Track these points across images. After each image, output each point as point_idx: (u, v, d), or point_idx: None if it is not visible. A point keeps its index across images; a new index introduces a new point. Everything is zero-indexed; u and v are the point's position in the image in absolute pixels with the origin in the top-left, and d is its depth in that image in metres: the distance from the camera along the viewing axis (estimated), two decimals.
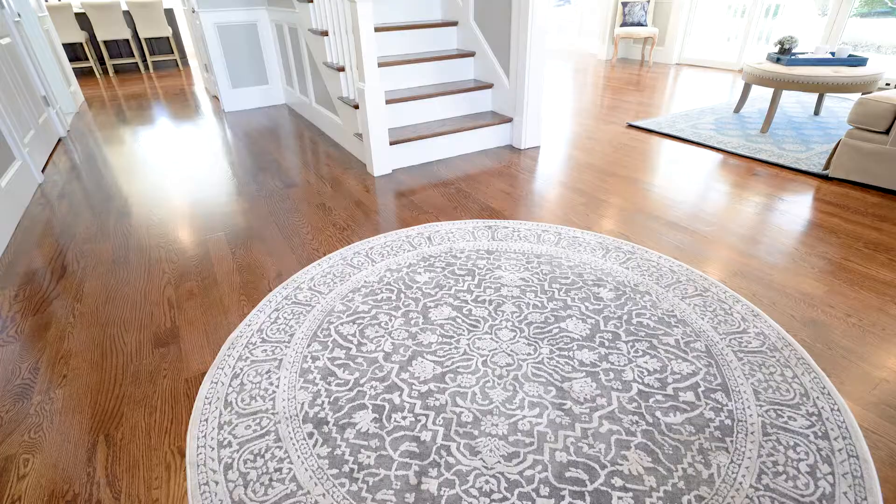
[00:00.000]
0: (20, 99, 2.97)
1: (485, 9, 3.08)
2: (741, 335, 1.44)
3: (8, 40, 3.09)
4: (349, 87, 2.95)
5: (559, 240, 2.01)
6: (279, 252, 2.01)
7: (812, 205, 2.28)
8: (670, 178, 2.64)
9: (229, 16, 4.06)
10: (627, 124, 3.60)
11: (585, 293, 1.66)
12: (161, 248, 2.08)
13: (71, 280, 1.86)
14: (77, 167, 3.08)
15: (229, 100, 4.35)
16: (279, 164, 3.02)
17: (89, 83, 5.97)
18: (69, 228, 2.28)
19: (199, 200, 2.54)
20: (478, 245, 2.00)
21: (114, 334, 1.56)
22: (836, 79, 2.92)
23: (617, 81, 5.12)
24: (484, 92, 3.23)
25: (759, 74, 3.21)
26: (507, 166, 2.87)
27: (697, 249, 1.94)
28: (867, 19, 7.03)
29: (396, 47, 3.26)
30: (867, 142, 2.35)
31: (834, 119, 3.53)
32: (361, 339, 1.48)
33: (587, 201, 2.39)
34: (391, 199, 2.49)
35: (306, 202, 2.48)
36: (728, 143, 3.09)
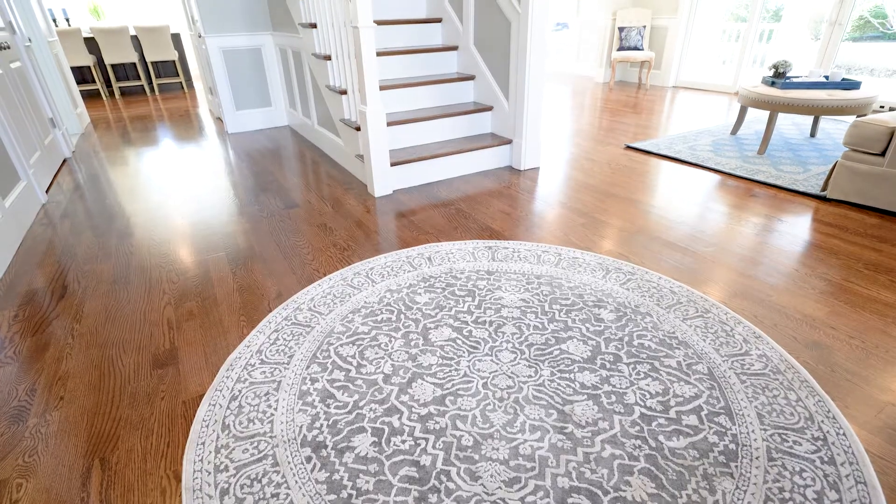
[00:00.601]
0: (27, 121, 3.02)
1: (484, 34, 3.15)
2: (743, 357, 1.43)
3: (18, 64, 3.16)
4: (351, 110, 3.00)
5: (559, 260, 2.02)
6: (279, 272, 2.02)
7: (811, 226, 2.29)
8: (669, 199, 2.65)
9: (235, 41, 4.15)
10: (626, 146, 3.64)
11: (586, 314, 1.66)
12: (162, 268, 2.09)
13: (71, 300, 1.86)
14: (81, 187, 3.10)
15: (233, 121, 4.41)
16: (281, 185, 3.05)
17: (95, 105, 6.06)
18: (71, 248, 2.29)
19: (201, 220, 2.56)
20: (478, 265, 2.00)
21: (112, 355, 1.55)
22: (830, 102, 2.97)
23: (615, 104, 5.20)
24: (484, 114, 3.28)
25: (754, 97, 3.26)
26: (507, 187, 2.89)
27: (698, 270, 1.94)
28: (859, 43, 7.18)
29: (398, 71, 3.33)
30: (863, 163, 2.38)
31: (830, 141, 3.57)
32: (361, 361, 1.47)
33: (587, 222, 2.40)
34: (392, 219, 2.50)
35: (307, 222, 2.49)
36: (726, 164, 3.12)
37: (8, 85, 2.83)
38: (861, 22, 7.11)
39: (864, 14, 7.07)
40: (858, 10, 6.94)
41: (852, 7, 4.52)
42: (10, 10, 3.25)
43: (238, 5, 4.07)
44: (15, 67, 3.07)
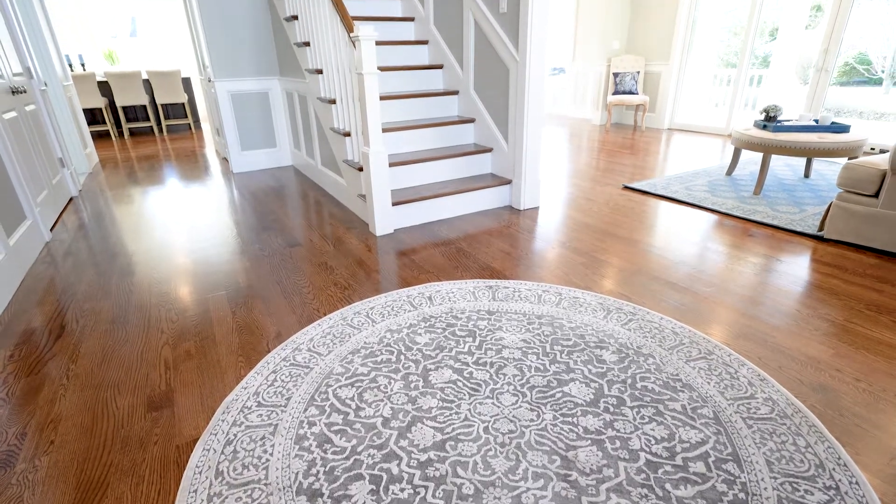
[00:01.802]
0: (37, 161, 3.09)
1: (484, 80, 3.27)
2: (749, 401, 1.40)
3: (33, 107, 3.26)
4: (354, 151, 3.07)
5: (560, 300, 2.01)
6: (279, 311, 2.01)
7: (810, 266, 2.30)
8: (668, 239, 2.68)
9: (243, 85, 4.30)
10: (623, 186, 3.71)
11: (588, 355, 1.64)
12: (161, 306, 2.08)
13: (68, 340, 1.85)
14: (85, 226, 3.14)
15: (238, 161, 4.51)
16: (283, 224, 3.08)
17: (105, 145, 6.21)
18: (71, 287, 2.29)
19: (203, 259, 2.57)
20: (479, 305, 1.99)
21: (107, 397, 1.52)
22: (821, 144, 3.05)
23: (611, 145, 5.32)
24: (484, 155, 3.36)
25: (747, 140, 3.34)
26: (507, 226, 2.92)
27: (699, 310, 1.93)
28: (846, 88, 7.42)
29: (400, 113, 3.43)
30: (858, 205, 2.41)
31: (824, 181, 3.64)
32: (360, 404, 1.44)
33: (587, 261, 2.42)
34: (393, 258, 2.52)
35: (308, 261, 2.51)
36: (722, 204, 3.17)
37: (21, 127, 2.91)
38: (847, 68, 7.38)
39: (849, 60, 7.35)
40: (843, 58, 7.23)
41: (837, 55, 4.70)
42: (29, 56, 3.39)
43: (248, 52, 4.24)
44: (29, 110, 3.17)
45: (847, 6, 4.54)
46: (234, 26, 4.12)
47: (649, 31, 6.33)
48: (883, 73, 7.03)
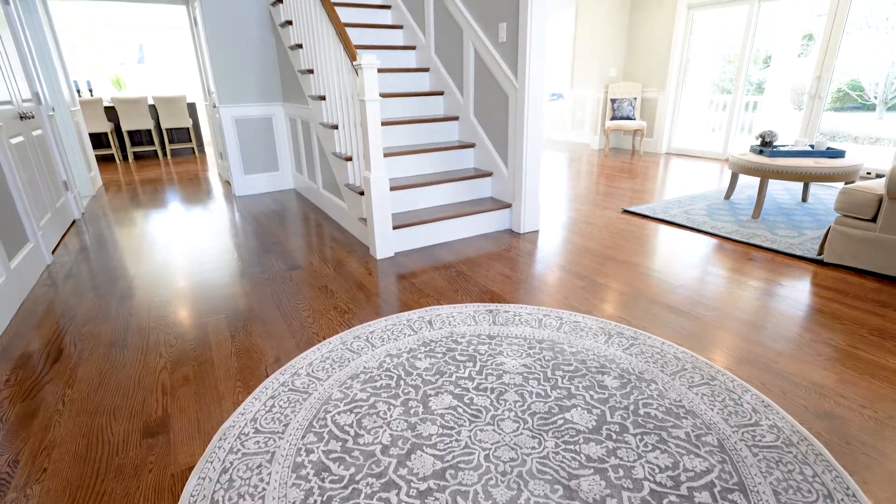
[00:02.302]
0: (42, 184, 3.12)
1: (484, 106, 3.34)
2: (754, 428, 1.38)
3: (40, 132, 3.32)
4: (355, 175, 3.10)
5: (561, 324, 2.00)
6: (279, 335, 2.00)
7: (811, 290, 2.29)
8: (668, 263, 2.68)
9: (247, 111, 4.38)
10: (622, 210, 3.73)
11: (589, 381, 1.62)
12: (160, 330, 2.07)
13: (65, 364, 1.83)
14: (87, 248, 3.15)
15: (240, 185, 4.55)
16: (284, 247, 3.09)
17: (109, 168, 6.29)
18: (70, 310, 2.28)
19: (204, 282, 2.57)
20: (479, 329, 1.98)
21: (102, 423, 1.50)
22: (817, 169, 3.08)
23: (610, 169, 5.38)
24: (484, 179, 3.39)
25: (744, 165, 3.38)
26: (507, 250, 2.93)
27: (700, 335, 1.92)
28: (840, 113, 7.55)
29: (401, 138, 3.48)
30: (856, 229, 2.42)
31: (821, 206, 3.66)
32: (359, 430, 1.42)
33: (587, 285, 2.41)
34: (393, 281, 2.52)
35: (308, 284, 2.50)
36: (721, 228, 3.18)
37: (28, 151, 2.95)
38: (840, 94, 7.52)
39: (842, 87, 7.49)
40: (836, 84, 7.37)
41: (829, 81, 4.80)
42: (38, 83, 3.46)
43: (252, 79, 4.33)
44: (36, 135, 3.22)
45: (837, 35, 4.66)
46: (240, 54, 4.22)
47: (645, 59, 6.47)
48: (876, 99, 7.17)
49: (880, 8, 6.62)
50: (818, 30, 6.06)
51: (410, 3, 3.99)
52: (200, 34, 4.46)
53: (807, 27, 6.70)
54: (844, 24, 4.61)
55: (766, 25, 6.58)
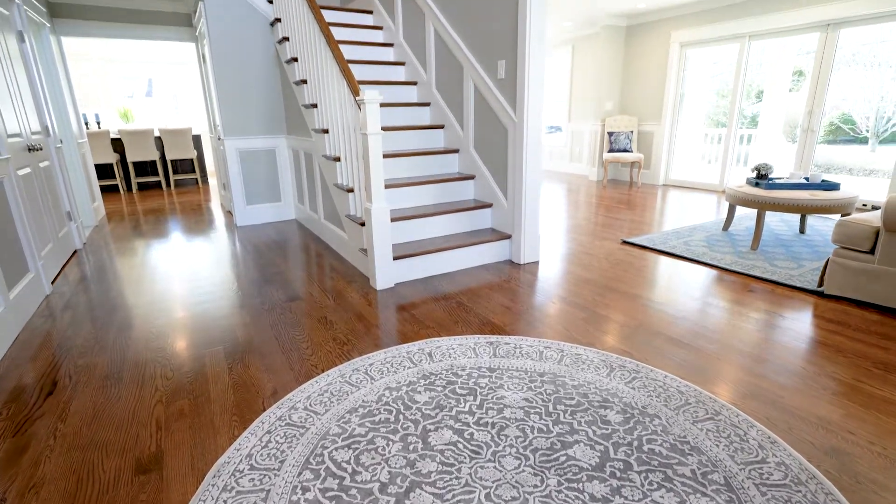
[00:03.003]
0: (45, 215, 3.15)
1: (483, 139, 3.40)
2: (761, 465, 1.35)
3: (47, 163, 3.37)
4: (357, 206, 3.14)
5: (562, 357, 1.98)
6: (277, 368, 1.97)
7: (813, 322, 2.28)
8: (668, 294, 2.67)
9: (251, 143, 4.47)
10: (622, 241, 3.75)
11: (592, 416, 1.59)
12: (157, 362, 2.05)
13: (59, 397, 1.80)
14: (87, 279, 3.15)
15: (242, 215, 4.59)
16: (284, 277, 3.09)
17: (113, 198, 6.35)
18: (67, 341, 2.27)
19: (203, 312, 2.56)
20: (479, 362, 1.96)
21: (93, 459, 1.47)
22: (813, 201, 3.11)
23: (609, 201, 5.44)
24: (484, 211, 3.42)
25: (741, 197, 3.42)
26: (508, 281, 2.93)
27: (703, 368, 1.90)
28: (834, 146, 7.69)
29: (402, 170, 3.54)
30: (855, 261, 2.43)
31: (820, 237, 3.68)
32: (356, 467, 1.38)
33: (588, 317, 2.40)
34: (392, 313, 2.50)
35: (308, 315, 2.49)
36: (721, 259, 3.19)
37: (34, 182, 2.99)
38: (832, 127, 7.68)
39: (834, 120, 7.66)
40: (828, 118, 7.54)
41: (821, 115, 4.91)
42: (48, 116, 3.54)
43: (257, 113, 4.43)
44: (43, 166, 3.27)
45: (826, 71, 4.79)
46: (246, 89, 4.34)
47: (641, 94, 6.64)
48: (867, 133, 7.32)
49: (867, 46, 6.84)
50: (808, 66, 6.25)
51: (413, 42, 4.12)
52: (208, 70, 4.60)
53: (797, 63, 6.90)
54: (833, 61, 4.75)
55: (757, 62, 6.79)
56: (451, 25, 3.56)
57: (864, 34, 6.72)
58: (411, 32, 4.12)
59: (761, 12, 5.16)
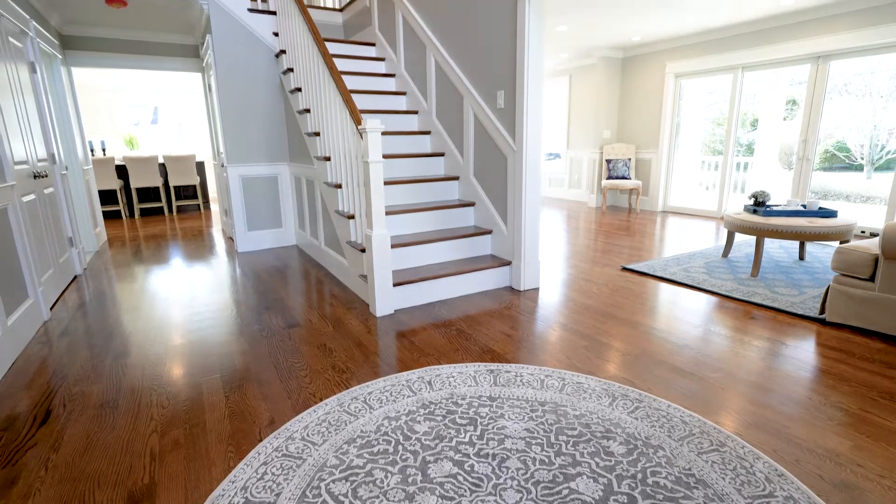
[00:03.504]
0: (48, 240, 3.16)
1: (483, 167, 3.45)
2: (769, 499, 1.31)
3: (51, 190, 3.41)
4: (357, 233, 3.15)
5: (563, 386, 1.96)
6: (274, 396, 1.95)
7: (816, 350, 2.26)
8: (670, 321, 2.66)
9: (254, 170, 4.52)
10: (622, 267, 3.75)
11: (595, 447, 1.56)
12: (153, 390, 2.02)
13: (53, 426, 1.77)
14: (85, 305, 3.14)
15: (243, 241, 4.61)
16: (284, 303, 3.08)
17: (115, 224, 6.39)
18: (63, 368, 2.24)
19: (201, 339, 2.54)
20: (480, 391, 1.94)
21: (84, 492, 1.43)
22: (811, 228, 3.13)
23: (608, 227, 5.46)
24: (484, 237, 3.44)
25: (739, 224, 3.44)
26: (508, 307, 2.92)
27: (707, 397, 1.87)
28: (830, 173, 7.78)
29: (403, 197, 3.57)
30: (856, 288, 2.43)
31: (819, 264, 3.69)
32: (354, 501, 1.35)
33: (589, 344, 2.38)
34: (392, 340, 2.49)
35: (307, 343, 2.47)
36: (721, 286, 3.19)
37: (38, 209, 3.02)
38: (828, 154, 7.79)
39: (829, 148, 7.77)
40: (823, 146, 7.66)
41: (816, 143, 4.99)
42: (54, 143, 3.60)
43: (261, 140, 4.51)
44: (48, 193, 3.31)
45: (819, 101, 4.89)
46: (250, 117, 4.42)
47: (638, 123, 6.76)
48: (863, 160, 7.42)
49: (858, 77, 7.00)
50: (801, 96, 6.38)
51: (414, 72, 4.23)
52: (214, 99, 4.70)
53: (790, 93, 7.06)
54: (825, 91, 4.86)
55: (751, 91, 6.94)
56: (452, 57, 3.66)
57: (854, 65, 6.89)
58: (412, 63, 4.23)
59: (753, 45, 5.31)
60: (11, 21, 3.02)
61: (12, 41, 3.04)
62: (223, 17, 4.14)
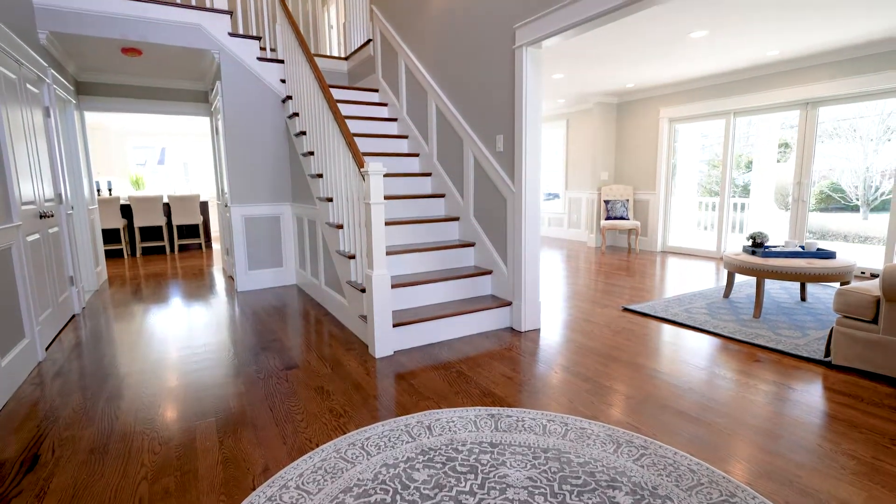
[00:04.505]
0: (48, 280, 3.17)
1: (483, 208, 3.50)
2: None
3: (56, 229, 3.44)
4: (358, 273, 3.16)
5: (566, 431, 1.91)
6: (269, 441, 1.89)
7: (824, 394, 2.22)
8: (673, 363, 2.62)
9: (257, 210, 4.59)
10: (623, 308, 3.73)
11: (600, 497, 1.51)
12: (146, 435, 1.97)
13: (40, 473, 1.72)
14: (82, 345, 3.10)
15: (243, 280, 4.61)
16: (282, 344, 3.05)
17: (116, 262, 6.41)
18: (55, 411, 2.19)
19: (197, 381, 2.50)
20: (480, 436, 1.89)
21: None
22: (811, 269, 3.14)
23: (608, 267, 5.47)
24: (484, 277, 3.44)
25: (738, 265, 3.45)
26: (508, 349, 2.89)
27: (714, 444, 1.82)
28: (826, 213, 7.86)
29: (403, 237, 3.60)
30: (859, 330, 2.41)
31: (821, 305, 3.67)
32: None
33: (592, 387, 2.34)
34: (391, 382, 2.44)
35: (304, 385, 2.43)
36: (724, 327, 3.16)
37: (41, 248, 3.04)
38: (823, 195, 7.91)
39: (824, 189, 7.90)
40: (818, 187, 7.78)
41: (809, 186, 5.07)
42: (62, 184, 3.67)
43: (265, 181, 4.59)
44: (52, 232, 3.34)
45: (810, 144, 5.01)
46: (255, 159, 4.52)
47: (634, 164, 6.91)
48: (858, 201, 7.52)
49: (847, 122, 7.21)
50: (793, 139, 6.55)
51: (415, 117, 4.36)
52: (220, 142, 4.82)
53: (782, 136, 7.25)
54: (815, 135, 4.99)
55: (744, 134, 7.13)
56: (452, 102, 3.79)
57: (842, 111, 7.11)
58: (414, 108, 4.37)
59: (743, 91, 5.50)
60: (31, 69, 3.15)
61: (30, 87, 3.16)
62: (233, 66, 4.31)
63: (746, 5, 3.31)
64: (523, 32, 2.94)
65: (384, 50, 4.85)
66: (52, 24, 3.63)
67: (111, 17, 3.81)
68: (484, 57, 3.36)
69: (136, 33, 3.92)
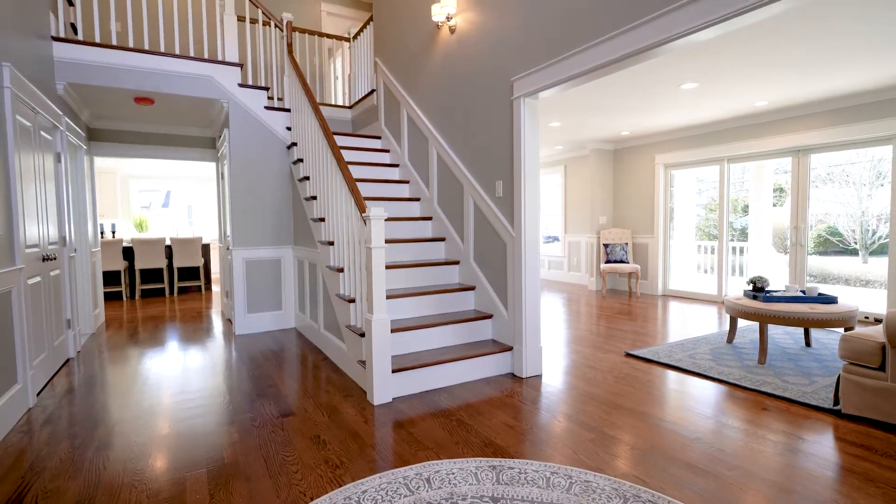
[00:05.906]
0: (45, 323, 3.14)
1: (483, 252, 3.52)
2: None
3: (57, 272, 3.45)
4: (357, 317, 3.14)
5: (570, 485, 1.84)
6: (262, 495, 1.82)
7: (836, 446, 2.15)
8: (679, 412, 2.55)
9: (258, 253, 4.61)
10: (626, 353, 3.68)
11: None
12: (133, 487, 1.90)
13: None
14: (74, 391, 3.04)
15: (242, 323, 4.57)
16: (278, 390, 2.98)
17: (115, 305, 6.37)
18: (41, 462, 2.12)
19: (189, 429, 2.43)
20: (482, 489, 1.81)
21: None
22: (813, 315, 3.11)
23: (609, 311, 5.44)
24: (484, 322, 3.41)
25: (741, 309, 3.43)
26: (510, 396, 2.82)
27: (725, 498, 1.75)
28: (825, 257, 7.88)
29: (404, 280, 3.60)
30: (867, 378, 2.36)
31: (827, 350, 3.61)
32: None
33: (596, 437, 2.27)
34: (389, 431, 2.37)
35: (300, 433, 2.36)
36: (729, 374, 3.10)
37: (41, 291, 3.04)
38: (821, 239, 7.96)
39: (821, 233, 7.96)
40: (816, 230, 7.85)
41: (806, 230, 5.11)
42: (67, 227, 3.71)
43: (267, 225, 4.65)
44: (53, 275, 3.35)
45: (804, 189, 5.10)
46: (259, 203, 4.60)
47: (632, 209, 7.00)
48: (856, 245, 7.57)
49: (839, 167, 7.37)
50: (786, 184, 6.68)
51: (416, 163, 4.47)
52: (226, 186, 4.92)
53: (776, 181, 7.39)
54: (809, 181, 5.08)
55: (739, 180, 7.28)
56: (452, 149, 3.89)
57: (833, 158, 7.28)
58: (416, 155, 4.48)
59: (736, 139, 5.66)
60: (46, 117, 3.26)
61: (43, 134, 3.26)
62: (241, 114, 4.46)
63: (732, 60, 3.46)
64: (520, 85, 3.07)
65: (387, 99, 5.04)
66: (70, 76, 3.79)
67: (127, 70, 3.98)
68: (483, 107, 3.48)
69: (151, 84, 4.08)
